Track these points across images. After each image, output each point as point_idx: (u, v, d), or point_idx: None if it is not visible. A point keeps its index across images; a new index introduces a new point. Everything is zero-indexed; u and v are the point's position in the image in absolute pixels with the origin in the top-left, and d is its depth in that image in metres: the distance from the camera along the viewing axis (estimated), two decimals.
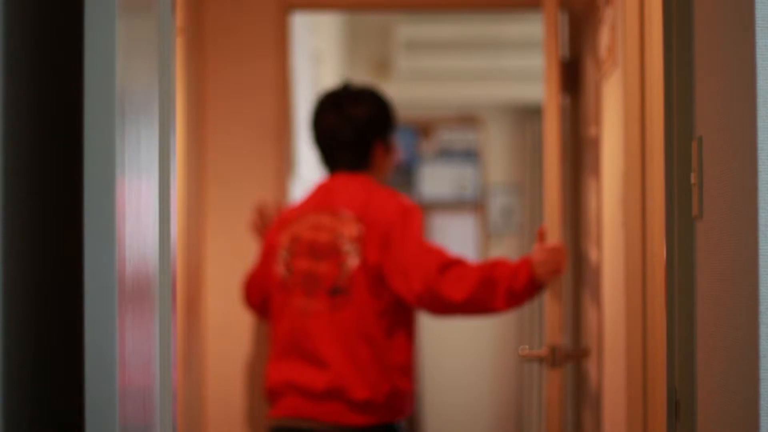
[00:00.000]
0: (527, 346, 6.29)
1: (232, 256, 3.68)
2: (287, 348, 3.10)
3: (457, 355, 7.25)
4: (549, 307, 2.97)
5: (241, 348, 3.69)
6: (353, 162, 3.19)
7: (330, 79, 6.16)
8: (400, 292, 3.04)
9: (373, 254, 3.04)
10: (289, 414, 3.08)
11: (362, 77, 7.02)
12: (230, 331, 3.68)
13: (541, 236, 2.99)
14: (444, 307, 3.03)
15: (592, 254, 3.32)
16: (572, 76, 3.68)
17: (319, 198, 3.17)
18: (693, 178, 1.68)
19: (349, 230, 3.07)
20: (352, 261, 3.05)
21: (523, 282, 2.95)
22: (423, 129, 7.30)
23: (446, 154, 7.31)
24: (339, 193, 3.15)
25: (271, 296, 3.19)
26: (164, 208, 1.52)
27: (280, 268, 3.15)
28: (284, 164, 3.73)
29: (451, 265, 3.02)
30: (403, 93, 7.00)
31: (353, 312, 3.04)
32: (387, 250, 3.04)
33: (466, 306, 3.01)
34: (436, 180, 7.31)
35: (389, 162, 3.28)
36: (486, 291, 2.97)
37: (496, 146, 7.32)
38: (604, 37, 2.96)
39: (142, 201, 1.35)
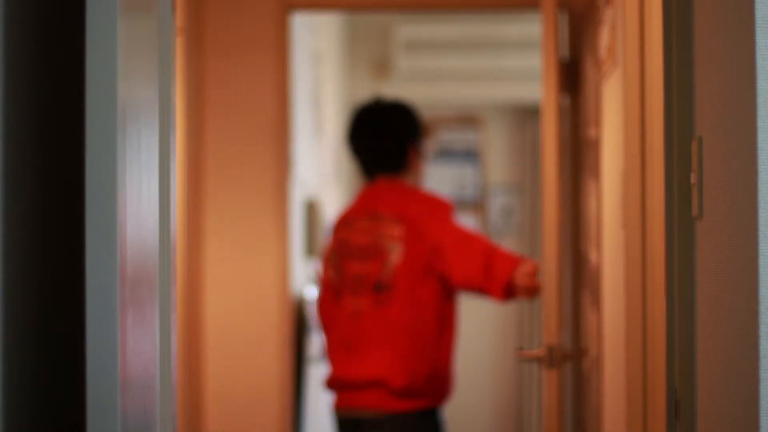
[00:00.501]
0: (524, 347, 6.29)
1: (232, 256, 3.68)
2: (338, 348, 3.41)
3: (458, 355, 7.25)
4: (547, 307, 2.97)
5: (241, 346, 3.69)
6: (393, 168, 3.50)
7: (330, 79, 6.16)
8: (451, 279, 3.36)
9: (414, 251, 3.34)
10: (343, 405, 3.41)
11: (362, 77, 7.02)
12: (230, 330, 3.68)
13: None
14: (453, 285, 3.39)
15: (592, 255, 3.32)
16: (572, 76, 3.68)
17: (362, 203, 3.49)
18: (693, 178, 1.68)
19: (391, 230, 3.37)
20: (395, 258, 3.34)
21: (502, 284, 3.31)
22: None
23: (446, 154, 7.31)
24: (379, 197, 3.46)
25: (323, 299, 3.49)
26: (164, 207, 1.52)
27: (330, 272, 3.47)
28: (284, 164, 3.73)
29: (470, 244, 3.36)
30: (403, 93, 6.97)
31: (396, 305, 3.33)
32: (426, 245, 3.35)
33: (464, 286, 3.36)
34: (436, 180, 7.31)
35: (422, 165, 3.59)
36: (483, 277, 3.31)
37: (496, 146, 7.32)
38: (604, 37, 2.96)
39: (142, 200, 1.35)
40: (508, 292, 3.29)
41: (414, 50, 6.76)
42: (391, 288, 3.32)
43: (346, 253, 3.42)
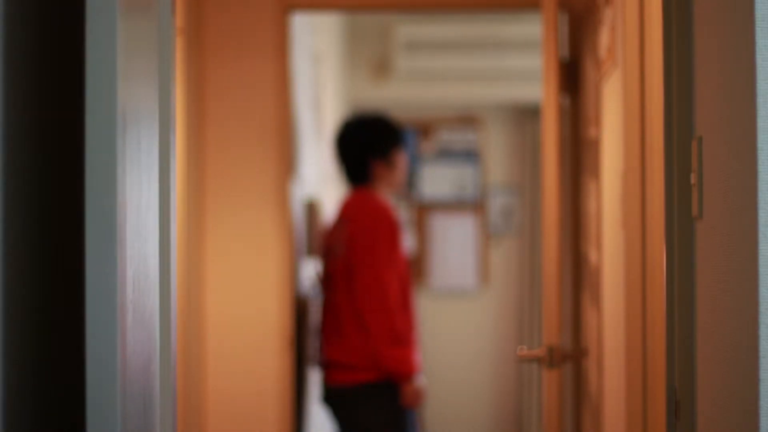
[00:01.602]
0: (525, 347, 6.30)
1: (233, 256, 3.68)
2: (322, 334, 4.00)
3: (458, 355, 7.25)
4: (547, 307, 2.97)
5: (242, 347, 3.69)
6: (356, 178, 4.01)
7: (330, 79, 6.16)
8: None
9: (349, 250, 3.83)
10: (324, 382, 3.97)
11: (362, 77, 7.02)
12: (231, 330, 3.68)
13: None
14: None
15: (592, 255, 3.32)
16: (572, 77, 3.68)
17: (339, 210, 4.01)
18: (693, 178, 1.68)
19: (343, 232, 3.87)
20: (339, 252, 3.87)
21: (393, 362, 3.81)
22: (423, 129, 7.30)
23: (446, 154, 7.31)
24: (348, 205, 3.98)
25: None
26: (165, 208, 1.52)
27: (320, 271, 4.07)
28: (284, 164, 3.73)
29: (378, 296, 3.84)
30: (403, 93, 6.99)
31: (335, 295, 3.88)
32: (353, 254, 3.83)
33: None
34: (436, 180, 7.31)
35: (394, 175, 4.03)
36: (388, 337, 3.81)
37: (496, 146, 7.32)
38: (604, 38, 2.96)
39: (142, 201, 1.35)
40: (387, 359, 3.77)
41: (414, 50, 6.76)
42: (334, 280, 3.88)
43: (325, 254, 3.99)
